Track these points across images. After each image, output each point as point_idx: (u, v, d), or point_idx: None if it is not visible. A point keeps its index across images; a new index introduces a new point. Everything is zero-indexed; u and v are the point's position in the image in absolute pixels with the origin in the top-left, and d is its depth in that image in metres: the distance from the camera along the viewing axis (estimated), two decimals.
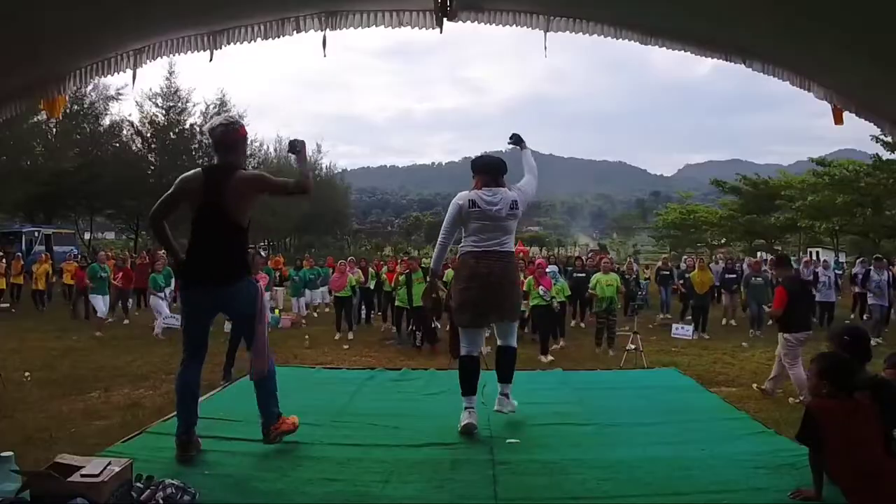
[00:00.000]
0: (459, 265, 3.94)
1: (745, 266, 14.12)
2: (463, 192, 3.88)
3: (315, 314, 13.59)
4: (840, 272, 15.66)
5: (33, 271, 14.39)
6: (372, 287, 12.99)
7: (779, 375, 6.32)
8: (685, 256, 17.82)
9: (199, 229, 3.27)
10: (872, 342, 9.16)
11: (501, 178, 3.91)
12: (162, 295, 10.71)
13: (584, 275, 11.14)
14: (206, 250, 3.27)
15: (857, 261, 15.13)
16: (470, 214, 3.76)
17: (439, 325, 9.92)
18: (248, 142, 3.55)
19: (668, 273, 14.16)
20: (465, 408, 3.78)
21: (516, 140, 4.29)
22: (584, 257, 13.43)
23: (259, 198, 3.39)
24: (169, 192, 3.38)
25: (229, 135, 3.33)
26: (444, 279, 9.42)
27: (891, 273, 11.20)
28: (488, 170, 3.91)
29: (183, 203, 3.36)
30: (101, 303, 10.87)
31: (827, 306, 12.02)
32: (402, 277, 9.96)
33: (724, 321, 12.35)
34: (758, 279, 11.56)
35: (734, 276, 12.70)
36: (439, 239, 3.92)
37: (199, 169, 3.41)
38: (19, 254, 16.07)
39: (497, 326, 4.07)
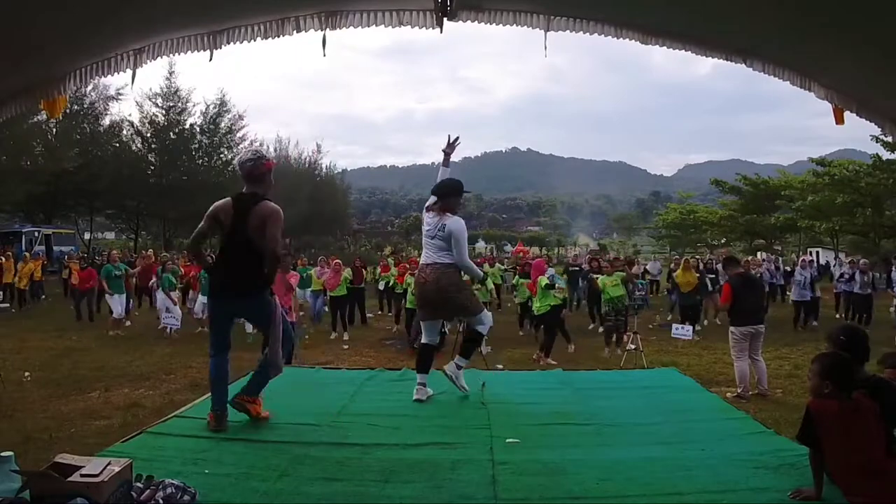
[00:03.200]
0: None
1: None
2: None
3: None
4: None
5: (18, 270, 14.37)
6: (381, 288, 13.11)
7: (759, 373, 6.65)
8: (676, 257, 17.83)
9: (226, 249, 3.79)
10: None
11: (445, 202, 4.51)
12: (174, 294, 10.77)
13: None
14: (229, 267, 3.77)
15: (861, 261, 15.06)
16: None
17: (447, 331, 9.94)
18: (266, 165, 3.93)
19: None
20: (424, 387, 4.54)
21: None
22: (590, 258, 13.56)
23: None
24: (203, 221, 3.85)
25: (256, 168, 3.80)
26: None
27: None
28: (436, 193, 4.59)
29: (215, 227, 3.82)
30: (117, 304, 10.85)
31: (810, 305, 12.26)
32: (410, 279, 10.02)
33: (718, 321, 12.34)
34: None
35: (713, 276, 12.72)
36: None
37: (228, 198, 3.84)
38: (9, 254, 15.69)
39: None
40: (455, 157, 4.88)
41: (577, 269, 14.40)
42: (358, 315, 12.12)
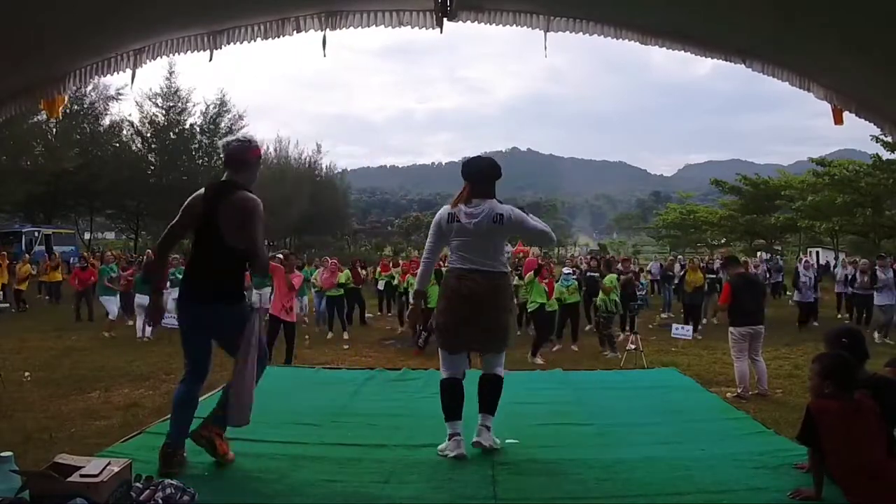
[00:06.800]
0: (443, 283, 3.57)
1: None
2: (445, 205, 3.60)
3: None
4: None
5: (16, 271, 14.28)
6: (381, 288, 13.12)
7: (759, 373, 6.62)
8: (679, 257, 17.78)
9: (194, 245, 3.23)
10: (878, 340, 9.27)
11: (493, 186, 3.58)
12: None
13: (597, 275, 11.22)
14: (197, 268, 3.20)
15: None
16: (451, 229, 3.45)
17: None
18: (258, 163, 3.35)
19: (670, 274, 14.20)
20: (451, 435, 3.42)
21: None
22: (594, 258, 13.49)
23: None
24: (175, 219, 3.25)
25: (238, 153, 3.24)
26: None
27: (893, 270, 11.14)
28: (478, 177, 3.55)
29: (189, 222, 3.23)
30: (113, 305, 10.77)
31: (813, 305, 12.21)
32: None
33: (715, 320, 12.29)
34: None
35: (713, 276, 12.74)
36: (423, 256, 3.69)
37: (201, 190, 3.27)
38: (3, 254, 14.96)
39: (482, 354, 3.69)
40: (455, 157, 4.67)
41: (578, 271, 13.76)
42: (357, 316, 12.18)
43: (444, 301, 3.47)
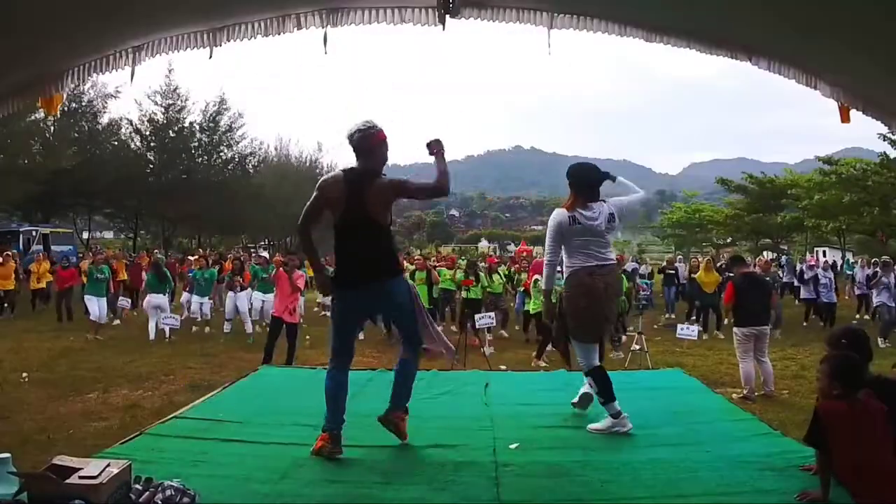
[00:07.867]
0: (574, 282, 3.81)
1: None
2: (559, 209, 3.87)
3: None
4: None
5: (32, 270, 14.15)
6: None
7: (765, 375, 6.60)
8: (680, 257, 17.62)
9: (346, 235, 3.38)
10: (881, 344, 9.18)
11: (599, 189, 3.91)
12: (162, 295, 10.57)
13: None
14: (357, 254, 3.36)
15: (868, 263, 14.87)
16: (573, 231, 3.75)
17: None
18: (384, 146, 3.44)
19: (673, 273, 14.11)
20: (618, 413, 3.78)
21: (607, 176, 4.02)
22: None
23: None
24: (311, 200, 3.44)
25: (365, 140, 3.34)
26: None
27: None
28: (586, 184, 3.88)
29: (326, 209, 3.44)
30: (95, 305, 10.36)
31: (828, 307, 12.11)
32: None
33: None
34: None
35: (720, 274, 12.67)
36: (546, 258, 3.94)
37: (339, 173, 3.45)
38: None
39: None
40: (459, 154, 4.64)
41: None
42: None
43: (584, 298, 3.74)
